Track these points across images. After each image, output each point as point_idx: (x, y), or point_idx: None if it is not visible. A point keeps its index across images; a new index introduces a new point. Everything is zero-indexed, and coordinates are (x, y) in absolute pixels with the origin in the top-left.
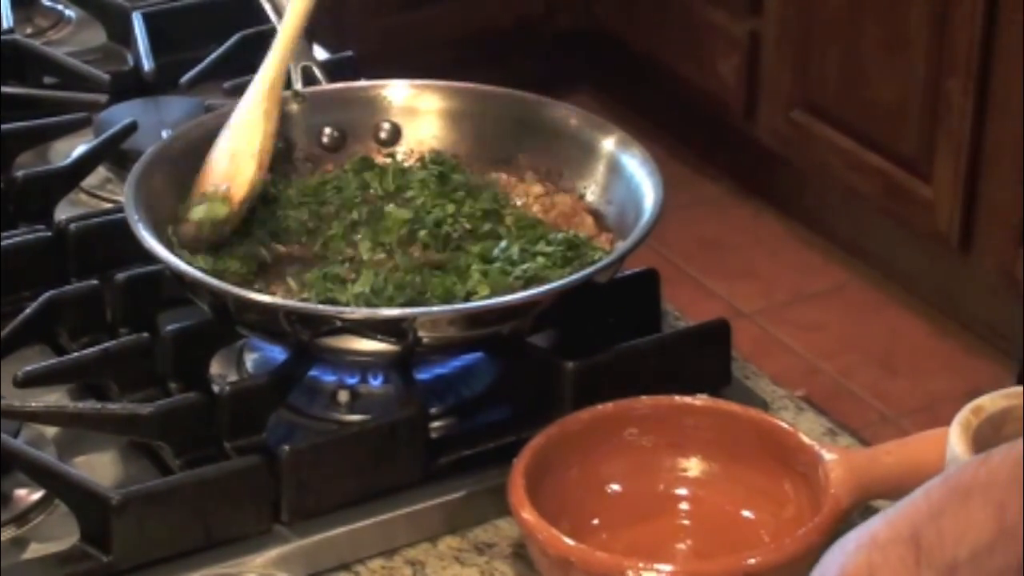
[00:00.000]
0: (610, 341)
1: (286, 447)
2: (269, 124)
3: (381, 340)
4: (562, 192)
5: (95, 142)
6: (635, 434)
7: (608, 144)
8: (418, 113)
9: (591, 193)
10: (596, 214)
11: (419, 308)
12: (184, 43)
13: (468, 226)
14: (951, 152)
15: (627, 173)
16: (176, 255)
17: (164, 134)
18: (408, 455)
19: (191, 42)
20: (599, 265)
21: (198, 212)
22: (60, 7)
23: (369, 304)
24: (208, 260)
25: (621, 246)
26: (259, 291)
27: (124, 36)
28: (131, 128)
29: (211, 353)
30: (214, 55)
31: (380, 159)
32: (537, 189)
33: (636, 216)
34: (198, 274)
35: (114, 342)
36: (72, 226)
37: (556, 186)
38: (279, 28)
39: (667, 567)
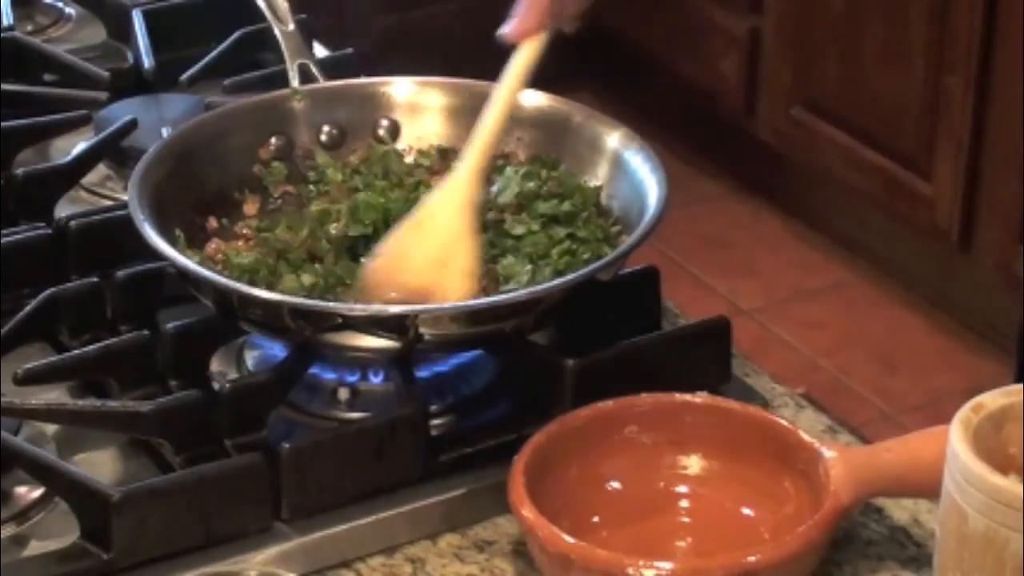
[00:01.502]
0: (610, 338)
1: (286, 445)
2: (477, 239)
3: (382, 337)
4: None
5: (95, 140)
6: (635, 431)
7: (612, 141)
8: (419, 110)
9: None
10: (599, 210)
11: (420, 305)
12: (184, 41)
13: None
14: (951, 149)
15: (630, 170)
16: (179, 252)
17: (164, 132)
18: (408, 453)
19: (191, 40)
20: (602, 262)
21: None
22: (60, 4)
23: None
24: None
25: (624, 243)
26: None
27: (124, 34)
28: (131, 126)
29: (211, 350)
30: (214, 53)
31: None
32: None
33: (639, 213)
34: (203, 271)
35: (114, 339)
36: (72, 223)
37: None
38: (475, 138)
39: (667, 565)
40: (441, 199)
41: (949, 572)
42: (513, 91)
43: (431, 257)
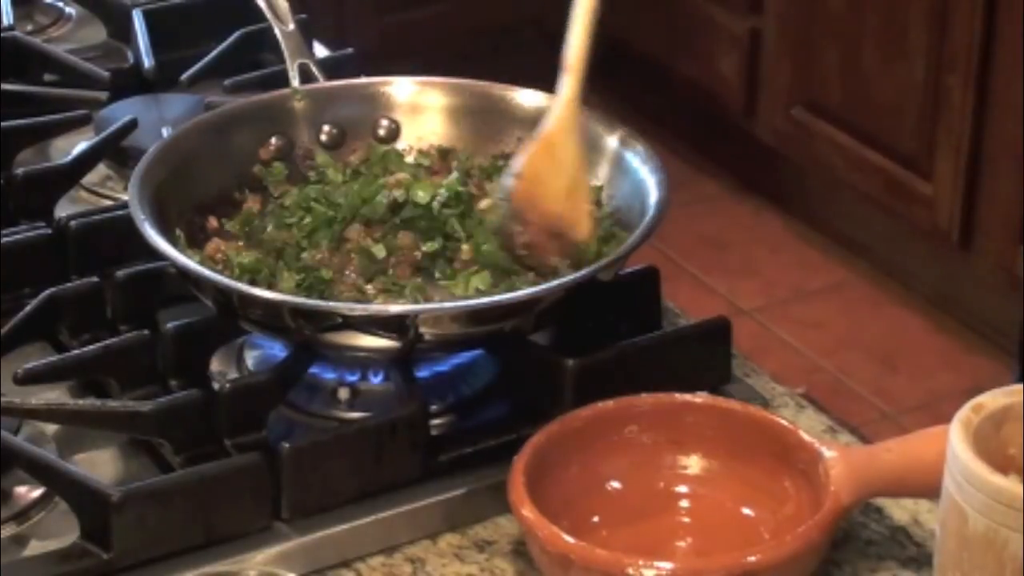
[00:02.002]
0: (611, 339)
1: (286, 444)
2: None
3: (383, 336)
4: None
5: (95, 139)
6: (635, 431)
7: (612, 141)
8: (420, 109)
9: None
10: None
11: (421, 305)
12: (184, 40)
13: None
14: (951, 149)
15: (630, 170)
16: (181, 252)
17: (164, 131)
18: (408, 452)
19: (191, 39)
20: (602, 262)
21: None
22: (60, 4)
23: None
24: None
25: (624, 243)
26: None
27: (124, 33)
28: (131, 125)
29: (211, 350)
30: (214, 52)
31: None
32: None
33: (640, 213)
34: (203, 271)
35: (114, 339)
36: (72, 223)
37: None
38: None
39: (667, 565)
40: (560, 124)
41: (949, 572)
42: (590, 6)
43: (563, 185)
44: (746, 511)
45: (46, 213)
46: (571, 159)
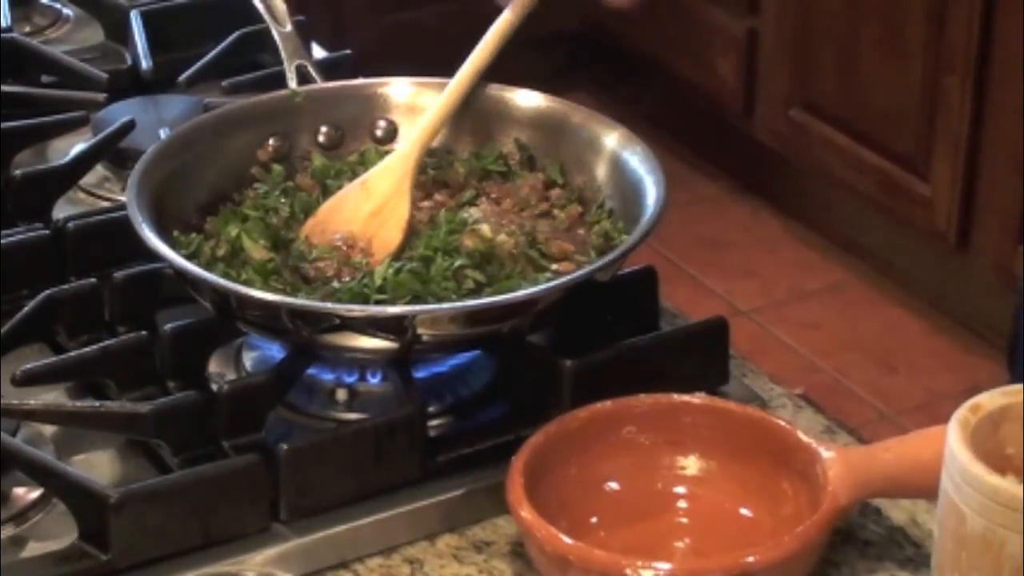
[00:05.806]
0: (609, 339)
1: (284, 445)
2: (413, 194)
3: (380, 337)
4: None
5: (93, 141)
6: (633, 432)
7: (610, 141)
8: (417, 110)
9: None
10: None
11: (419, 306)
12: (182, 42)
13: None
14: (949, 150)
15: (628, 170)
16: (178, 253)
17: (162, 133)
18: (406, 453)
19: (189, 40)
20: (601, 262)
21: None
22: (58, 5)
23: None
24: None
25: (623, 243)
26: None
27: (122, 35)
28: (129, 127)
29: (210, 351)
30: (212, 53)
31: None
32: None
33: (637, 214)
34: (201, 272)
35: (113, 340)
36: (70, 225)
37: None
38: (428, 112)
39: (665, 565)
40: (384, 170)
41: (947, 573)
42: (471, 76)
43: (368, 211)
44: (744, 512)
45: (44, 214)
46: (387, 192)
